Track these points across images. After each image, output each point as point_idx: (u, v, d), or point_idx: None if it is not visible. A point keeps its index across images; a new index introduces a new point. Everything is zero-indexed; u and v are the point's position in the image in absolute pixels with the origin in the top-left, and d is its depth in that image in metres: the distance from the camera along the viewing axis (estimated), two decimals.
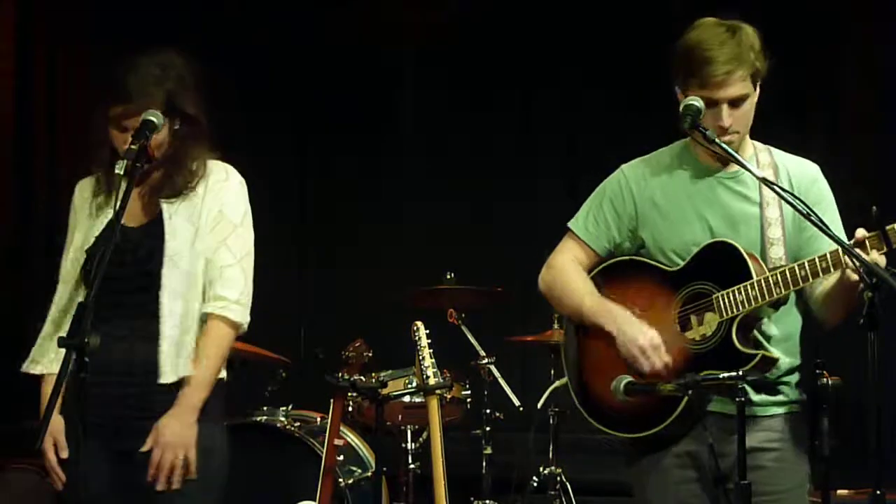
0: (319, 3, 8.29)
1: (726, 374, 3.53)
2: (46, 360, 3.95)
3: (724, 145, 3.64)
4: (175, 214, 3.93)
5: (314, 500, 4.88)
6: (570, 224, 4.03)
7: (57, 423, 3.83)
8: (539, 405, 6.28)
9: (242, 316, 3.98)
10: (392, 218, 8.20)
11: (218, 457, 3.94)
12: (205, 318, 3.93)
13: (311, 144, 8.37)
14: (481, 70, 8.06)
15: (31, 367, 3.96)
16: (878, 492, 3.31)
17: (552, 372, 6.47)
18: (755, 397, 3.76)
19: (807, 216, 3.51)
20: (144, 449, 3.79)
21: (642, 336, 3.77)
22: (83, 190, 4.07)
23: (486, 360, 6.39)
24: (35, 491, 6.07)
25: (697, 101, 3.64)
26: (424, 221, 8.11)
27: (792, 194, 3.57)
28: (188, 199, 3.95)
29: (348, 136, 8.22)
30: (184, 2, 7.87)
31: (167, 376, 3.83)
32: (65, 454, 3.83)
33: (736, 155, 3.64)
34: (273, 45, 8.20)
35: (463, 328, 6.47)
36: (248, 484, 5.61)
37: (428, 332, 4.96)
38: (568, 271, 3.99)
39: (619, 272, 3.94)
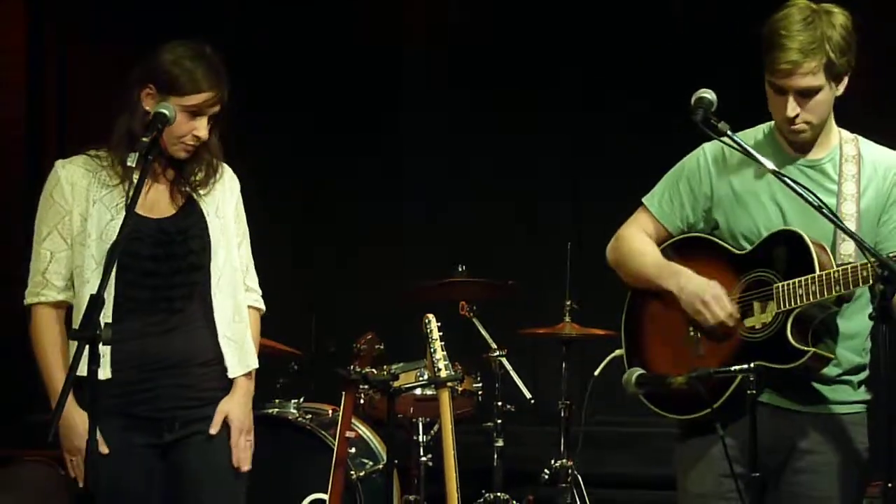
0: (322, 2, 8.28)
1: (737, 367, 3.51)
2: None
3: (738, 140, 3.61)
4: (209, 208, 4.00)
5: (325, 492, 4.88)
6: (645, 200, 3.97)
7: (80, 422, 3.79)
8: (596, 373, 6.24)
9: (263, 305, 4.23)
10: (404, 212, 8.21)
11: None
12: None
13: (322, 142, 8.35)
14: (491, 68, 8.06)
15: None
16: (890, 485, 3.31)
17: (563, 365, 6.46)
18: (820, 393, 3.70)
19: (818, 209, 3.48)
20: (213, 432, 3.95)
21: (702, 289, 3.72)
22: (73, 174, 3.95)
23: (497, 353, 6.38)
24: (48, 483, 6.09)
25: (709, 94, 3.59)
26: (436, 215, 8.11)
27: (804, 186, 3.54)
28: (211, 193, 4.02)
29: (359, 135, 8.22)
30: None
31: (235, 370, 4.00)
32: (105, 449, 3.76)
33: (750, 150, 3.61)
34: (276, 44, 8.19)
35: (474, 321, 6.47)
36: (259, 476, 5.60)
37: (439, 324, 4.95)
38: (635, 240, 3.94)
39: (689, 248, 3.88)
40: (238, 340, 4.02)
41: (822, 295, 3.55)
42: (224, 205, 4.05)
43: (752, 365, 3.49)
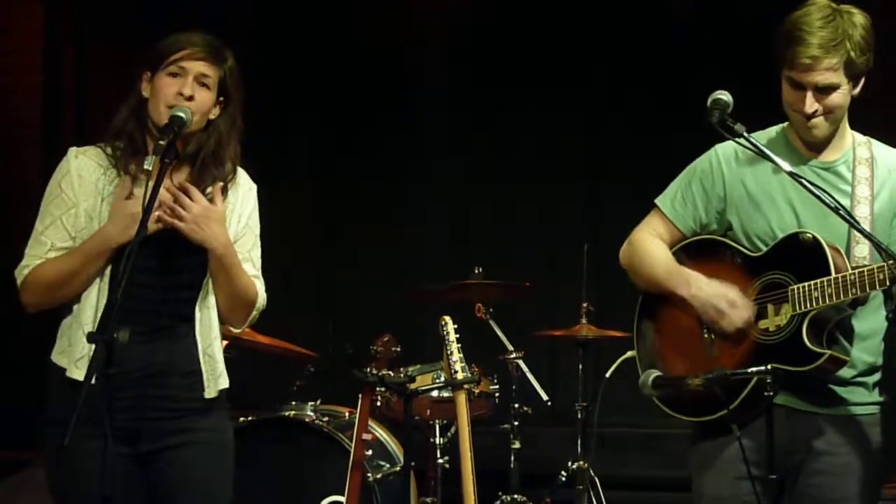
0: (325, 1, 8.27)
1: (754, 369, 3.50)
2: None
3: (754, 140, 3.60)
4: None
5: (342, 494, 4.88)
6: (658, 201, 3.96)
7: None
8: (608, 375, 6.24)
9: (254, 321, 3.99)
10: (420, 214, 8.21)
11: (233, 452, 3.93)
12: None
13: (337, 142, 8.37)
14: (504, 68, 8.06)
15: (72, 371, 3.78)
16: None
17: (580, 366, 6.46)
18: (836, 394, 3.68)
19: (835, 210, 3.48)
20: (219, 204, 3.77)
21: (718, 295, 3.71)
22: (84, 166, 3.84)
23: (514, 355, 6.37)
24: None
25: (725, 95, 3.59)
26: (452, 216, 8.12)
27: (820, 188, 3.53)
28: (224, 204, 3.84)
29: (373, 135, 8.23)
30: None
31: (210, 391, 3.82)
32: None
33: (766, 151, 3.60)
34: (277, 44, 8.19)
35: (491, 323, 6.46)
36: (276, 478, 5.63)
37: (456, 326, 4.95)
38: (647, 244, 3.93)
39: (701, 250, 3.87)
40: (216, 359, 3.84)
41: (838, 297, 3.54)
42: (233, 216, 3.87)
43: (768, 367, 3.48)
